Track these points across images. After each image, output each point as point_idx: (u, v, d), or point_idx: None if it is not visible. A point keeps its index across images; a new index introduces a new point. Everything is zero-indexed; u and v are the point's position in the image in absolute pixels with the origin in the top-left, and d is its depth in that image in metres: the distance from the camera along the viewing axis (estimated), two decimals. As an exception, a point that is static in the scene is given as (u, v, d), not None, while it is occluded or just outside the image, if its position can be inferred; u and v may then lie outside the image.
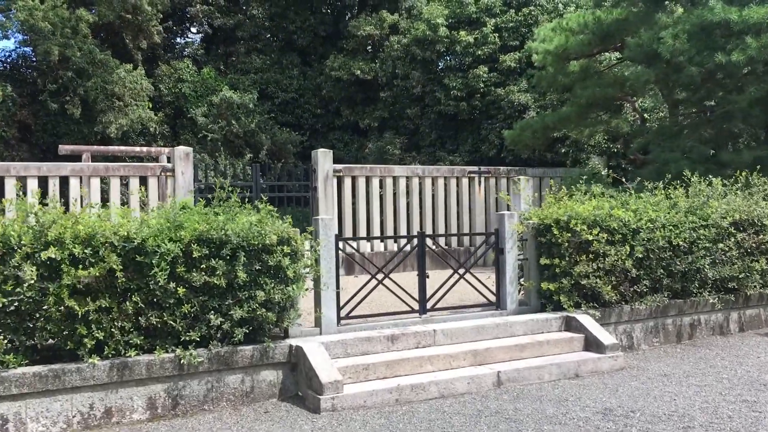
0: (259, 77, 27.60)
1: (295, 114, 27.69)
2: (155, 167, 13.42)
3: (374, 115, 26.44)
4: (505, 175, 16.73)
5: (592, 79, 17.01)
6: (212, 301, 7.77)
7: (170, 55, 27.75)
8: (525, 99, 23.27)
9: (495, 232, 10.35)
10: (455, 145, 24.92)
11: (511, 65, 23.88)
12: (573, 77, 17.94)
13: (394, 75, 25.77)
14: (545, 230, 10.18)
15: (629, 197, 11.03)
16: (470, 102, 24.30)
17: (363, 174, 15.21)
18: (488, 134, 24.02)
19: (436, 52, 24.62)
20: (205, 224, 7.80)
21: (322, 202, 14.66)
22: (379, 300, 10.82)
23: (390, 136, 25.59)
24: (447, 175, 16.09)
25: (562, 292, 10.00)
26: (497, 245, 10.29)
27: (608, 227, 10.17)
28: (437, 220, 16.05)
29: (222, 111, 25.34)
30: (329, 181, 14.73)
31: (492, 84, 24.09)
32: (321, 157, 14.71)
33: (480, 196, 16.38)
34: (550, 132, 19.01)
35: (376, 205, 15.42)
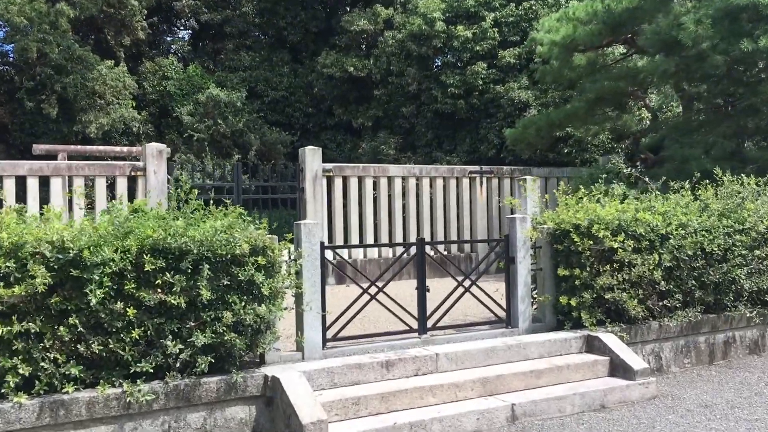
0: (248, 75, 26.14)
1: (286, 113, 26.25)
2: (124, 166, 11.97)
3: (368, 114, 25.02)
4: (509, 175, 15.32)
5: (601, 72, 15.62)
6: (169, 324, 6.33)
7: (155, 52, 26.27)
8: (526, 96, 21.88)
9: (504, 239, 8.92)
10: (453, 145, 23.51)
11: (511, 61, 22.48)
12: (579, 71, 16.58)
13: (389, 72, 24.34)
14: (562, 236, 8.78)
15: (654, 199, 9.61)
16: (468, 100, 22.90)
17: (355, 174, 13.77)
18: (487, 133, 22.63)
19: (432, 47, 23.20)
20: (160, 231, 6.36)
21: (311, 205, 13.22)
22: (372, 316, 9.42)
23: (384, 135, 24.17)
24: (446, 176, 14.67)
25: (582, 308, 8.59)
26: (507, 253, 8.87)
27: (634, 233, 8.76)
28: (436, 224, 14.62)
29: (209, 110, 23.88)
30: (318, 182, 13.29)
31: (491, 81, 22.69)
32: (309, 156, 13.28)
33: (482, 197, 14.97)
34: (555, 130, 17.64)
35: (369, 208, 13.99)
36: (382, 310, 8.69)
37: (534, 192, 13.60)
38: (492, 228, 15.09)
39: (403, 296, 11.69)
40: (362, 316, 8.83)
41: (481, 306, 8.94)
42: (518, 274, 8.77)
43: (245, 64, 26.43)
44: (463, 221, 14.82)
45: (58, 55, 21.53)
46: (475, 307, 9.41)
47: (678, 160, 13.19)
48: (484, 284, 9.16)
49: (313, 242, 7.52)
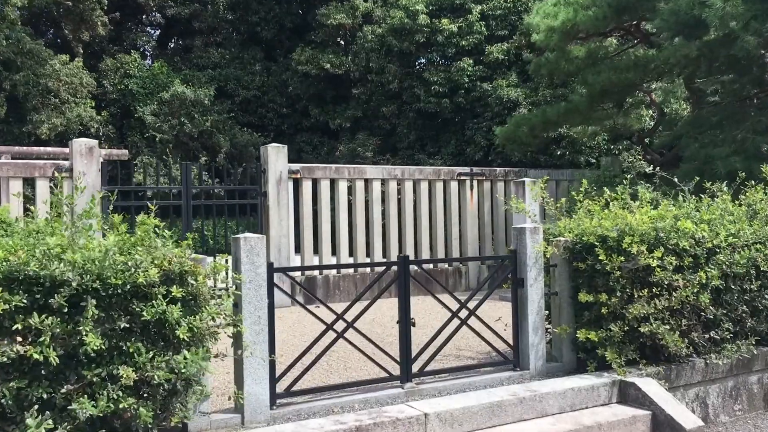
0: (218, 73, 24.03)
1: (258, 114, 24.15)
2: (46, 166, 9.81)
3: (346, 115, 22.96)
4: (502, 177, 13.28)
5: (604, 63, 13.64)
6: (36, 389, 4.21)
7: (117, 49, 24.02)
8: (515, 94, 19.93)
9: (511, 256, 6.86)
10: (436, 147, 21.50)
11: (500, 57, 20.54)
12: (578, 63, 14.58)
13: (368, 69, 22.30)
14: (585, 252, 6.74)
15: (694, 203, 7.60)
16: (453, 99, 20.93)
17: (327, 176, 11.68)
18: (474, 135, 20.66)
19: (415, 42, 21.19)
20: (21, 253, 4.24)
21: (274, 212, 11.10)
22: (343, 352, 7.36)
23: (363, 137, 22.11)
24: (432, 178, 12.62)
25: (610, 344, 6.54)
26: (514, 274, 6.81)
27: (675, 247, 6.73)
28: (420, 234, 12.55)
29: (174, 109, 21.69)
30: (283, 185, 11.18)
31: (478, 78, 20.73)
32: (272, 154, 11.17)
33: (472, 203, 12.91)
34: (551, 128, 15.68)
35: (343, 215, 11.89)
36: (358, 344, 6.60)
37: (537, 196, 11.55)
38: (484, 238, 13.06)
39: (383, 321, 9.62)
40: (331, 353, 6.77)
41: (479, 337, 6.87)
42: (528, 300, 6.72)
43: (215, 61, 24.31)
44: (450, 230, 12.79)
45: (6, 49, 19.27)
46: (472, 338, 7.38)
47: (699, 159, 11.22)
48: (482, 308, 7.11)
49: (256, 263, 5.43)
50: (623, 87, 13.24)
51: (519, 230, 6.84)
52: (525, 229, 6.76)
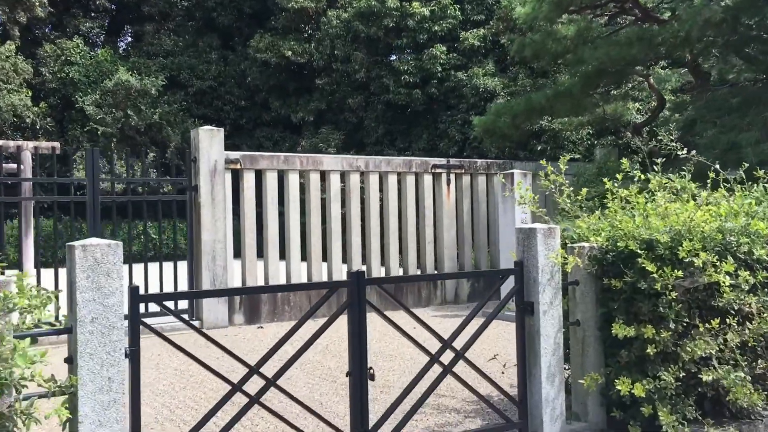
0: (170, 62, 21.57)
1: (214, 106, 21.74)
2: None
3: (309, 107, 20.66)
4: (484, 170, 11.07)
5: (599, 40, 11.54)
6: None
7: (59, 34, 21.42)
8: (493, 84, 17.84)
9: (516, 270, 4.61)
10: (407, 142, 19.32)
11: (475, 44, 18.43)
12: (566, 44, 12.45)
13: (333, 57, 20.03)
14: (622, 263, 4.54)
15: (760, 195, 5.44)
16: (425, 89, 18.77)
17: (274, 166, 9.38)
18: (447, 128, 18.52)
19: (383, 28, 18.98)
20: None
21: (207, 210, 8.77)
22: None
23: (327, 131, 19.81)
24: (402, 171, 10.37)
25: (659, 398, 4.34)
26: (520, 295, 4.58)
27: (747, 257, 4.56)
28: (387, 236, 10.31)
29: (118, 99, 19.20)
30: (219, 178, 8.86)
31: (452, 67, 18.60)
32: (204, 139, 8.84)
33: (449, 200, 10.69)
34: (537, 117, 13.59)
35: (294, 215, 9.59)
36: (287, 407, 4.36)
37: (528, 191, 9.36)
38: (463, 241, 10.85)
39: (339, 350, 7.33)
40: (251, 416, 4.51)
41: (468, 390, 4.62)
42: (541, 335, 4.50)
43: (167, 49, 21.85)
44: (423, 232, 10.56)
45: None
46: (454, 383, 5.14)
47: (719, 146, 9.15)
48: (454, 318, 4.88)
49: (106, 289, 3.13)
50: (623, 65, 11.16)
51: (527, 233, 4.60)
52: (536, 230, 4.53)
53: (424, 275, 10.14)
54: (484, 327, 4.59)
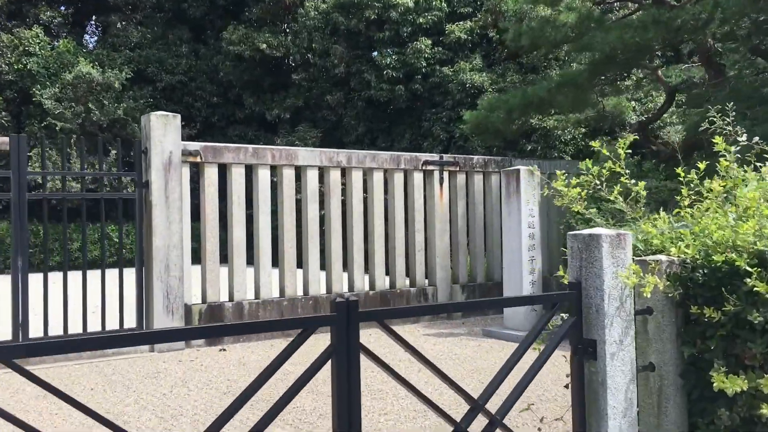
0: (137, 54, 19.95)
1: (184, 102, 20.14)
2: None
3: (285, 104, 19.16)
4: (481, 168, 9.66)
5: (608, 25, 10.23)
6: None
7: (17, 23, 19.69)
8: (480, 80, 16.48)
9: (572, 293, 3.17)
10: (389, 141, 17.89)
11: (462, 37, 17.07)
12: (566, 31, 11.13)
13: (311, 51, 18.56)
14: (719, 283, 3.12)
15: None
16: (409, 85, 17.36)
17: (240, 160, 7.88)
18: (432, 126, 17.13)
19: (365, 20, 17.55)
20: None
21: (160, 211, 7.26)
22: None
23: (304, 129, 18.32)
24: (389, 167, 8.92)
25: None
26: (578, 330, 3.14)
27: None
28: (372, 242, 8.85)
29: (79, 93, 17.53)
30: (175, 172, 7.35)
31: (437, 61, 17.22)
32: (157, 126, 7.33)
33: (442, 201, 9.26)
34: (534, 112, 12.23)
35: (264, 217, 8.09)
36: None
37: (535, 190, 7.98)
38: (457, 248, 9.42)
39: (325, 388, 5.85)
40: None
41: None
42: (607, 388, 3.09)
43: (134, 41, 20.21)
44: (413, 237, 9.13)
45: None
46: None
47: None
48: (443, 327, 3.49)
49: None
50: (634, 52, 9.82)
51: (586, 241, 3.18)
52: (600, 238, 3.11)
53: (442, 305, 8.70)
54: (523, 387, 3.15)
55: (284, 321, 2.54)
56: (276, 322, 2.49)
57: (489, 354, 7.04)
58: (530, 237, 7.83)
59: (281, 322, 2.50)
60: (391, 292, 8.86)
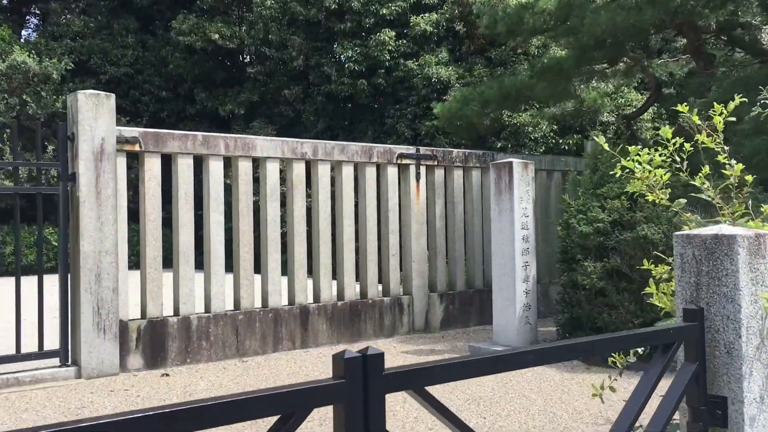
0: (79, 45, 18.37)
1: (131, 96, 18.63)
2: None
3: (239, 99, 17.83)
4: (461, 163, 8.56)
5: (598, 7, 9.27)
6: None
7: (-55, 8, 17.93)
8: (446, 74, 15.46)
9: (690, 326, 2.03)
10: (350, 139, 16.67)
11: (428, 30, 16.00)
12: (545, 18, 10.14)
13: (267, 42, 17.27)
14: None
15: None
16: (372, 80, 16.23)
17: (188, 150, 6.61)
18: (396, 123, 16.03)
19: (324, 10, 16.36)
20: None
21: (89, 209, 5.96)
22: None
23: (260, 124, 17.02)
24: (360, 161, 7.76)
25: None
26: (699, 383, 2.00)
27: None
28: (340, 245, 7.66)
29: (14, 85, 15.90)
30: (108, 163, 6.06)
31: (401, 55, 16.12)
32: (87, 108, 6.03)
33: (419, 200, 8.13)
34: (512, 104, 11.24)
35: (216, 217, 6.83)
36: None
37: (529, 185, 6.91)
38: (435, 253, 8.30)
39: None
40: None
41: None
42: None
43: (76, 30, 18.60)
44: (387, 240, 7.98)
45: None
46: None
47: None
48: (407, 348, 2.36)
49: None
50: (628, 35, 8.87)
51: (710, 245, 2.06)
52: (734, 239, 1.99)
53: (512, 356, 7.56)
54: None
55: (260, 398, 1.33)
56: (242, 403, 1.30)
57: (482, 377, 5.93)
58: (524, 240, 6.76)
59: (251, 401, 1.31)
60: (362, 302, 7.68)
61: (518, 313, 6.72)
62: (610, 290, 6.31)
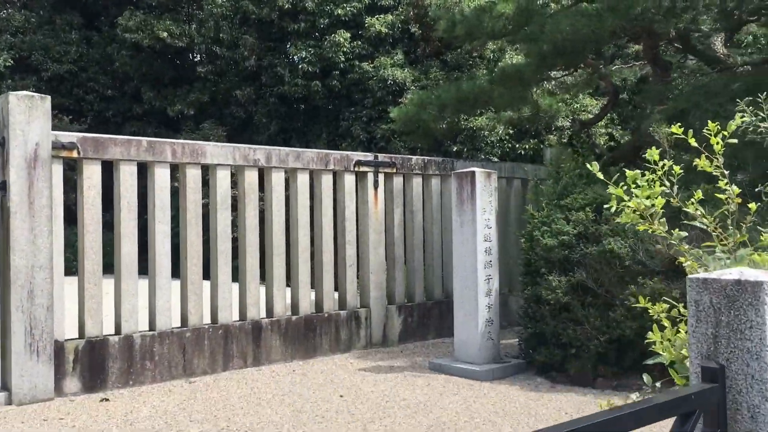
0: (19, 40, 17.50)
1: (74, 95, 17.85)
2: None
3: (189, 99, 17.22)
4: (420, 170, 8.27)
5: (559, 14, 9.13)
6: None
7: None
8: (402, 76, 15.18)
9: (706, 392, 1.75)
10: (304, 142, 16.29)
11: (383, 31, 15.69)
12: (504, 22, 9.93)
13: (218, 41, 16.73)
14: None
15: None
16: (326, 81, 15.85)
17: (131, 156, 6.15)
18: (351, 126, 15.69)
19: (278, 9, 15.92)
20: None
21: (22, 220, 5.47)
22: None
23: (210, 126, 16.47)
24: (317, 168, 7.40)
25: None
26: None
27: None
28: (295, 256, 7.28)
29: (-54, 80, 15.02)
30: (42, 170, 5.57)
31: (356, 56, 15.78)
32: (19, 111, 5.53)
33: (377, 209, 7.81)
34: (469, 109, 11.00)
35: (163, 227, 6.39)
36: None
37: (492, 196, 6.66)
38: (394, 263, 7.99)
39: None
40: None
41: None
42: None
43: (16, 25, 17.72)
44: (344, 251, 7.64)
45: None
46: None
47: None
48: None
49: None
50: (587, 43, 8.71)
51: (731, 293, 1.78)
52: (762, 286, 1.72)
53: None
54: None
55: None
56: None
57: (444, 398, 5.63)
58: (487, 252, 6.50)
59: None
60: (317, 316, 7.31)
61: (480, 329, 6.46)
62: (575, 305, 6.09)
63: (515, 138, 14.91)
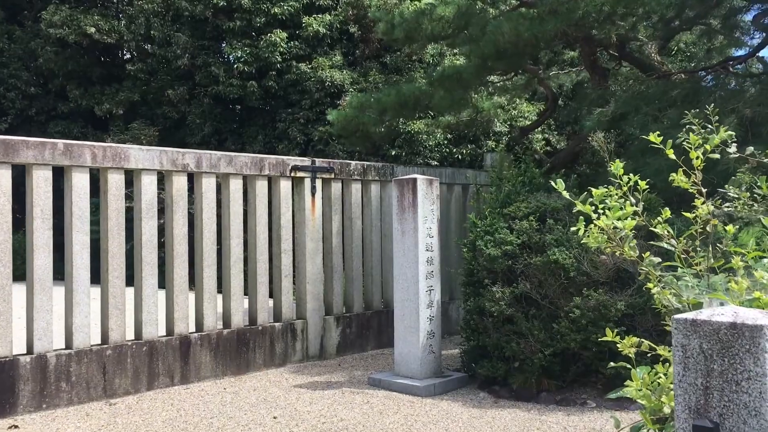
0: (-67, 33, 16.40)
1: (-6, 92, 16.83)
2: None
3: (118, 98, 16.46)
4: (359, 176, 7.95)
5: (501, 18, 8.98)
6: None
7: None
8: (341, 77, 14.86)
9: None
10: (239, 144, 15.80)
11: (321, 31, 15.34)
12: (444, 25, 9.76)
13: (150, 39, 16.08)
14: None
15: None
16: (262, 82, 15.39)
17: (45, 160, 5.63)
18: (288, 128, 15.28)
19: (212, 6, 15.36)
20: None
21: None
22: None
23: (139, 126, 15.78)
24: (251, 173, 6.99)
25: None
26: None
27: None
28: (228, 266, 6.87)
29: None
30: (-58, 175, 4.99)
31: (293, 57, 15.37)
32: None
33: (314, 216, 7.46)
34: (409, 112, 10.78)
35: (81, 237, 5.88)
36: None
37: (434, 204, 6.40)
38: (331, 273, 7.64)
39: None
40: None
41: None
42: None
43: (-70, 17, 16.61)
44: (279, 261, 7.25)
45: None
46: None
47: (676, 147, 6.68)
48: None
49: None
50: (529, 46, 8.58)
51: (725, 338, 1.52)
52: (762, 330, 1.46)
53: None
54: None
55: None
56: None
57: (384, 417, 5.32)
58: (428, 262, 6.24)
59: None
60: (251, 329, 6.91)
61: (422, 342, 6.18)
62: (518, 317, 5.88)
63: (453, 143, 14.78)
